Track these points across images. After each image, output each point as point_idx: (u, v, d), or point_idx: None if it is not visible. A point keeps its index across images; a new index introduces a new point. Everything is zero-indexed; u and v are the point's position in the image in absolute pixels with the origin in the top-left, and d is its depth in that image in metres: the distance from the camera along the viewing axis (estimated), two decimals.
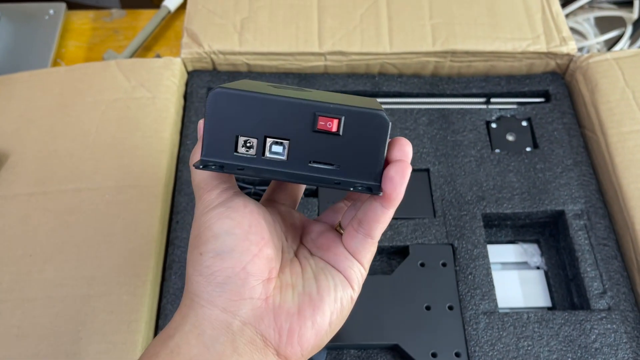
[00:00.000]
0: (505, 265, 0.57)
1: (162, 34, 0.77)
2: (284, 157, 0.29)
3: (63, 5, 0.78)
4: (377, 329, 0.51)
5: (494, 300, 0.52)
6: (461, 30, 0.62)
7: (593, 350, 0.49)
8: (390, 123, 0.28)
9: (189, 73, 0.65)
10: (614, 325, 0.50)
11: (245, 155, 0.29)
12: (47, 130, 0.58)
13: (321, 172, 0.29)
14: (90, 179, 0.54)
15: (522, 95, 0.64)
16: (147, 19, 0.78)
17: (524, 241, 0.59)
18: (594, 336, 0.49)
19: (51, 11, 0.77)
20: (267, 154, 0.29)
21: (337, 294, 0.31)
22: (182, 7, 0.78)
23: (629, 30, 0.82)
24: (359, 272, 0.32)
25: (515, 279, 0.56)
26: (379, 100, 0.64)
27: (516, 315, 0.51)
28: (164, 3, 0.77)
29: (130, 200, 0.53)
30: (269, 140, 0.29)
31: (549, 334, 0.50)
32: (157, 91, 0.59)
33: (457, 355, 0.49)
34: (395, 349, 0.50)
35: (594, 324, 0.50)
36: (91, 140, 0.57)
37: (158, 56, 0.74)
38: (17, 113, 0.59)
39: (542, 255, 0.58)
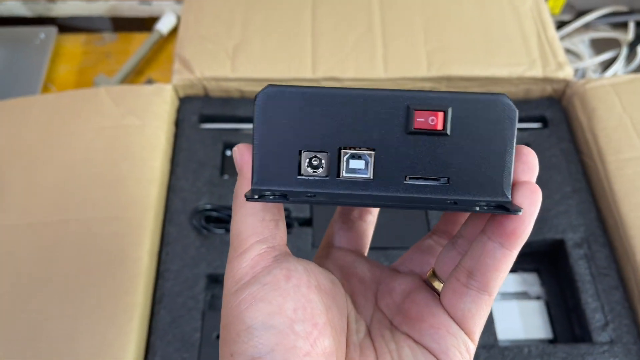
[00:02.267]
0: (504, 295, 0.56)
1: (155, 57, 0.76)
2: (367, 176, 0.22)
3: (54, 29, 0.77)
4: None
5: (494, 333, 0.50)
6: (456, 55, 0.61)
7: None
8: (517, 111, 0.21)
9: (180, 99, 0.64)
10: (617, 359, 0.48)
11: (313, 178, 0.22)
12: (34, 159, 0.56)
13: (424, 190, 0.22)
14: (77, 210, 0.53)
15: (519, 120, 0.63)
16: (139, 43, 0.77)
17: (524, 270, 0.57)
18: None
19: (42, 35, 0.76)
20: (344, 173, 0.22)
21: None
22: (175, 30, 0.77)
23: (624, 51, 0.81)
24: (465, 351, 0.23)
25: (515, 310, 0.55)
26: None
27: (517, 349, 0.49)
28: (156, 27, 0.76)
29: (117, 233, 0.51)
30: (344, 154, 0.21)
31: None
32: (147, 118, 0.58)
33: None
34: None
35: (596, 358, 0.48)
36: (78, 170, 0.55)
37: (150, 80, 0.73)
38: (3, 142, 0.58)
39: (542, 284, 0.57)
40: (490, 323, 0.51)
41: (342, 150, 0.21)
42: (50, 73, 0.75)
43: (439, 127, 0.21)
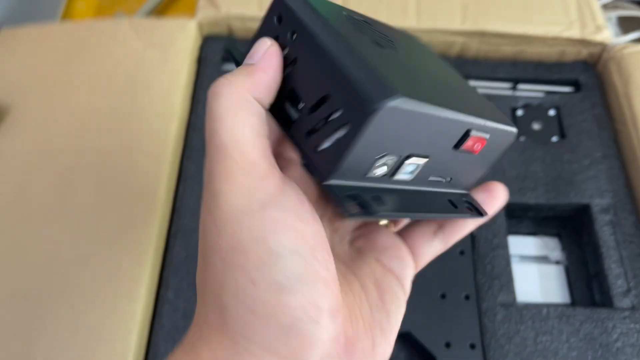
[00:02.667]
0: (524, 258, 0.55)
1: None
2: (411, 177, 0.23)
3: None
4: None
5: (513, 292, 0.49)
6: (492, 10, 0.59)
7: (615, 349, 0.46)
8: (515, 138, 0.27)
9: (203, 38, 0.61)
10: (638, 325, 0.47)
11: (375, 176, 0.22)
12: (51, 86, 0.55)
13: (436, 185, 0.26)
14: (95, 139, 0.51)
15: (550, 83, 0.61)
16: None
17: (545, 234, 0.56)
18: (616, 335, 0.47)
19: None
20: (400, 174, 0.23)
21: (401, 315, 0.25)
22: None
23: None
24: (411, 282, 0.26)
25: (535, 273, 0.54)
26: None
27: (535, 309, 0.48)
28: None
29: (135, 164, 0.50)
30: (409, 159, 0.22)
31: (569, 331, 0.47)
32: (169, 53, 0.56)
33: (472, 347, 0.47)
34: (406, 337, 0.48)
35: (616, 323, 0.47)
36: (97, 99, 0.54)
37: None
38: (21, 67, 0.56)
39: (562, 249, 0.55)
40: (509, 283, 0.50)
41: (407, 157, 0.22)
42: (68, 9, 0.72)
43: (478, 150, 0.25)
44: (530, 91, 0.61)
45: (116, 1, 0.74)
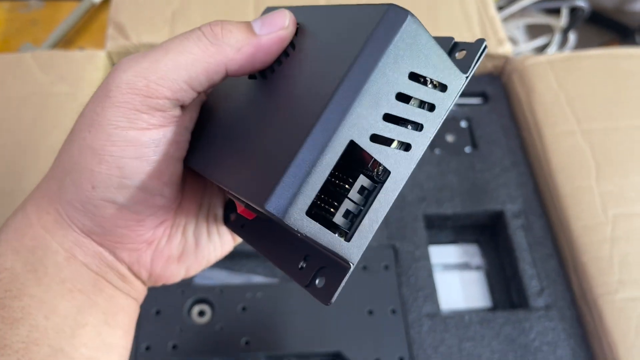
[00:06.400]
0: (446, 266, 0.57)
1: (86, 27, 0.72)
2: None
3: None
4: (318, 336, 0.48)
5: (436, 302, 0.51)
6: None
7: (533, 349, 0.49)
8: None
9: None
10: (552, 323, 0.50)
11: None
12: None
13: None
14: (2, 183, 0.49)
15: (461, 95, 0.64)
16: (69, 11, 0.72)
17: (465, 242, 0.59)
18: (534, 335, 0.50)
19: None
20: None
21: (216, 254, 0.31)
22: None
23: (557, 37, 0.85)
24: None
25: (457, 280, 0.56)
26: None
27: (458, 317, 0.50)
28: None
29: None
30: None
31: (491, 335, 0.49)
32: (79, 86, 0.55)
33: None
34: (337, 357, 0.48)
35: (533, 323, 0.50)
36: (3, 141, 0.51)
37: (81, 49, 0.69)
38: None
39: (482, 255, 0.58)
40: (432, 293, 0.51)
41: None
42: None
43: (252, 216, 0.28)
44: None
45: (21, 32, 0.71)
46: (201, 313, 0.48)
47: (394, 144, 0.21)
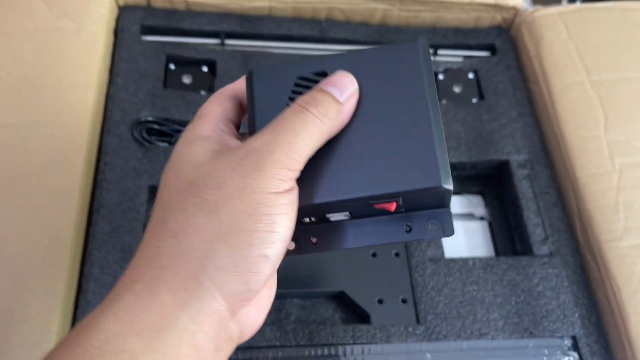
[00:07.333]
0: None
1: None
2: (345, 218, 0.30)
3: None
4: (322, 276, 0.48)
5: (441, 247, 0.51)
6: None
7: (536, 293, 0.49)
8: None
9: (119, 8, 0.59)
10: (556, 270, 0.50)
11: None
12: None
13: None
14: (4, 113, 0.48)
15: (468, 48, 0.63)
16: None
17: (469, 192, 0.58)
18: (537, 280, 0.50)
19: None
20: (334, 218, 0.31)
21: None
22: None
23: None
24: None
25: (460, 230, 0.56)
26: (326, 47, 0.62)
27: (462, 261, 0.50)
28: None
29: (51, 136, 0.47)
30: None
31: (494, 279, 0.50)
32: (83, 22, 0.54)
33: (404, 301, 0.48)
34: (340, 296, 0.48)
35: (536, 269, 0.50)
36: (5, 72, 0.50)
37: None
38: None
39: (486, 206, 0.58)
40: (437, 239, 0.51)
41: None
42: None
43: (393, 208, 0.29)
44: (450, 56, 0.63)
45: None
46: None
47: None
